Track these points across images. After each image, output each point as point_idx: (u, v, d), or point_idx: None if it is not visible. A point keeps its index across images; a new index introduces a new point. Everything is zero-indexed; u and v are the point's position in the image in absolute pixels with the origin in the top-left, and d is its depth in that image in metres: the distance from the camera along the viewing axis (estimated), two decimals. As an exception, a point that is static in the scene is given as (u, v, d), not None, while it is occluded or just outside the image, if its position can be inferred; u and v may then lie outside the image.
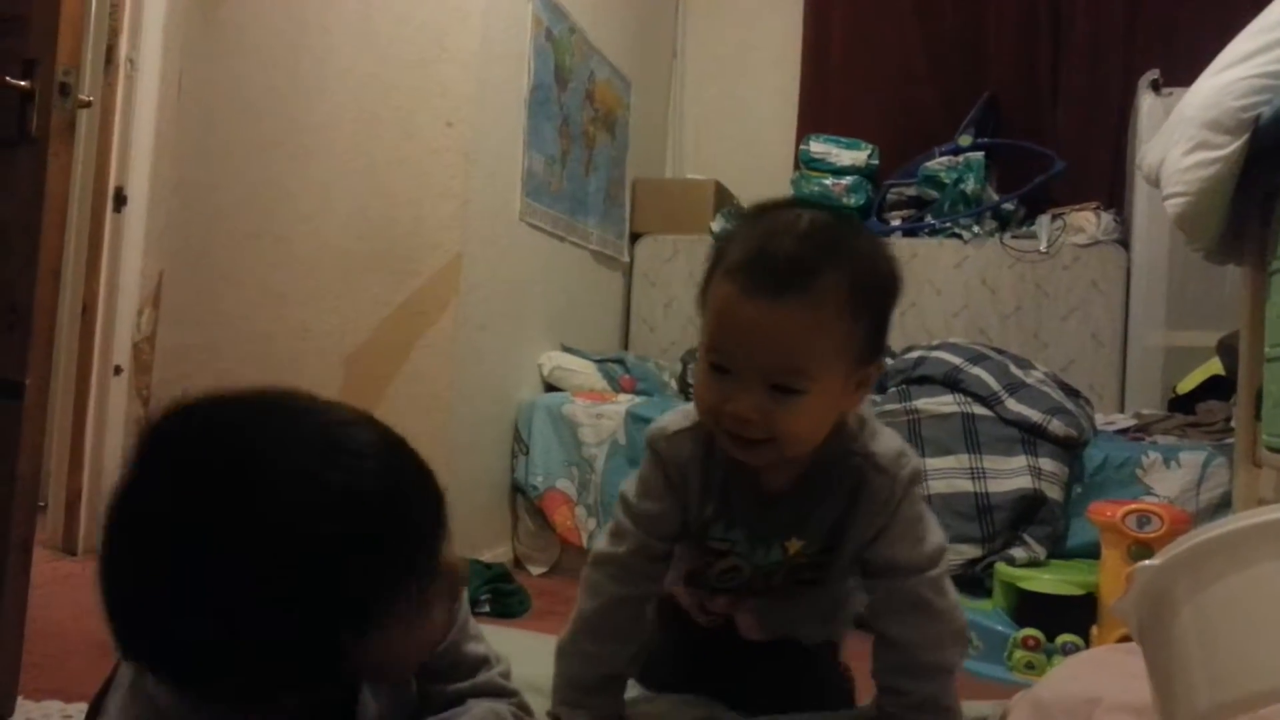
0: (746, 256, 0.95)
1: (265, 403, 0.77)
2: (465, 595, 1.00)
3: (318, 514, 0.70)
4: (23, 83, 1.38)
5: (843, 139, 3.71)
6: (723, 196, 3.70)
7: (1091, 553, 2.10)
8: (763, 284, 0.92)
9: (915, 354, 2.73)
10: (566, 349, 3.07)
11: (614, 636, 1.10)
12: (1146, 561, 0.75)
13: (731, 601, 1.17)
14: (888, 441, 1.08)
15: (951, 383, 2.50)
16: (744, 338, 0.94)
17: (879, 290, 1.00)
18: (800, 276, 0.93)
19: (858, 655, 1.21)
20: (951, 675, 1.08)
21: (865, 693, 1.20)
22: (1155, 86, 3.24)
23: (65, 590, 2.16)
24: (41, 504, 2.05)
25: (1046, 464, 2.33)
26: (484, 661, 0.98)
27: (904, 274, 1.03)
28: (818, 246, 0.95)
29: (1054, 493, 2.31)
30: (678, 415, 1.10)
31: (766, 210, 1.04)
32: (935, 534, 1.09)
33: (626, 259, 3.66)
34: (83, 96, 1.54)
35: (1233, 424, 2.38)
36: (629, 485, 1.12)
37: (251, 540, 0.69)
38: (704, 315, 1.00)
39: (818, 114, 4.00)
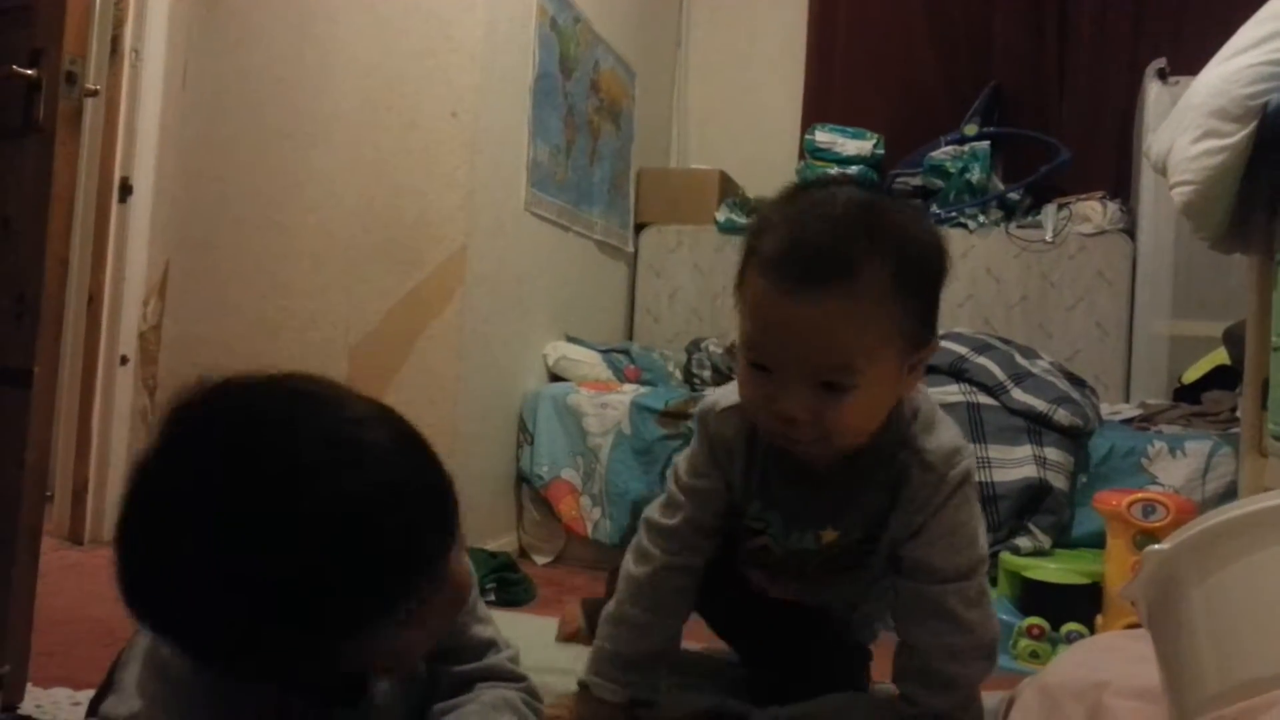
0: (781, 249, 0.90)
1: (290, 390, 0.78)
2: (475, 578, 1.00)
3: (334, 507, 0.71)
4: (29, 72, 1.38)
5: (848, 128, 3.70)
6: (727, 186, 3.69)
7: (1097, 542, 2.10)
8: (800, 279, 0.87)
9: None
10: (571, 339, 3.07)
11: (661, 606, 1.09)
12: (1155, 546, 0.75)
13: (767, 578, 1.15)
14: (942, 436, 1.02)
15: (957, 372, 2.50)
16: (785, 337, 0.89)
17: (925, 269, 0.95)
18: (839, 268, 0.87)
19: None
20: (969, 691, 1.03)
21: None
22: (1162, 75, 3.22)
23: (72, 579, 2.17)
24: (48, 493, 2.06)
25: (1052, 453, 2.33)
26: (491, 644, 0.99)
27: (944, 241, 0.99)
28: (855, 232, 0.90)
29: (1059, 482, 2.31)
30: (729, 390, 1.06)
31: (799, 192, 0.99)
32: (977, 545, 1.04)
33: (631, 249, 3.65)
34: (89, 85, 1.53)
35: (1238, 414, 2.37)
36: (682, 459, 1.11)
37: (269, 527, 0.70)
38: (740, 308, 0.95)
39: (823, 104, 3.99)
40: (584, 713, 1.08)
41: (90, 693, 1.03)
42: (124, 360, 2.59)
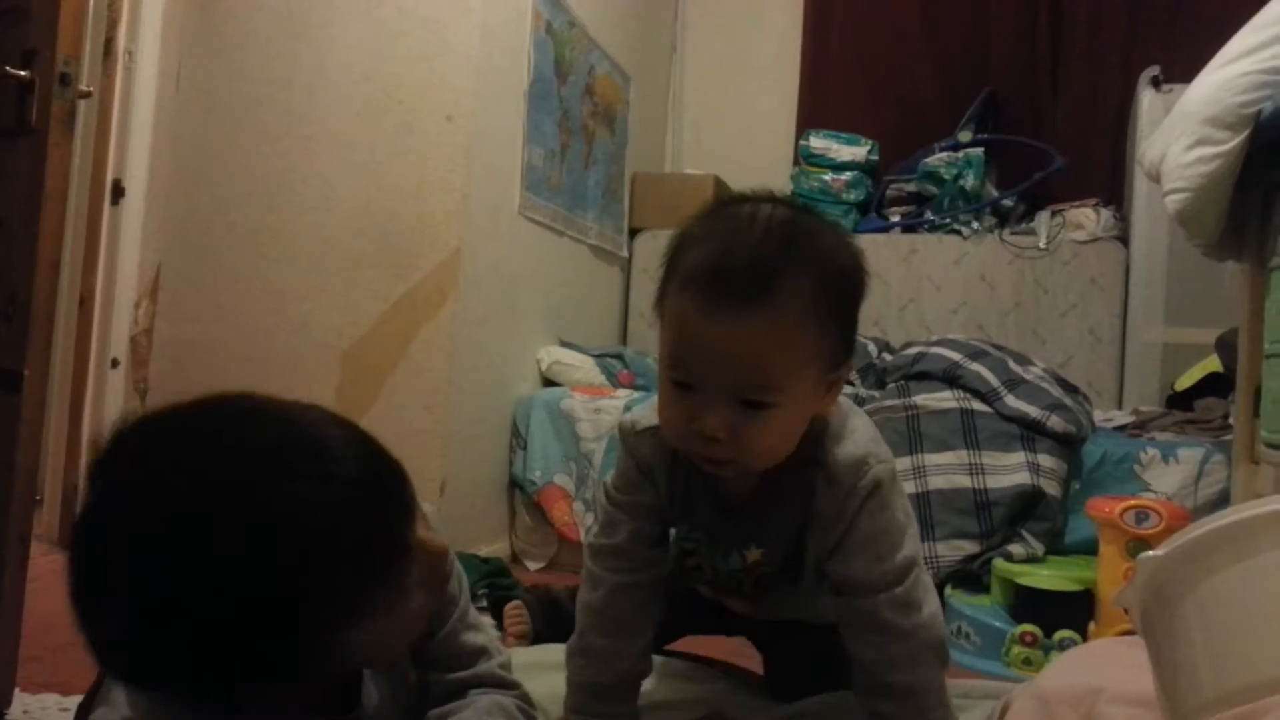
0: (702, 266, 0.89)
1: (220, 410, 0.76)
2: (466, 585, 0.99)
3: (277, 522, 0.69)
4: (23, 73, 1.37)
5: (842, 134, 3.70)
6: (722, 192, 3.69)
7: (1090, 549, 2.10)
8: (722, 299, 0.87)
9: (914, 350, 2.73)
10: (565, 344, 3.06)
11: (621, 628, 1.07)
12: (1149, 553, 0.75)
13: (715, 593, 1.15)
14: (850, 447, 1.00)
15: (950, 379, 2.50)
16: (706, 355, 0.89)
17: (844, 291, 0.95)
18: (761, 286, 0.87)
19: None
20: (927, 693, 1.00)
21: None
22: (1155, 83, 3.23)
23: (61, 584, 2.15)
24: (38, 497, 2.05)
25: (1045, 460, 2.33)
26: (483, 652, 0.98)
27: (868, 265, 0.97)
28: (775, 251, 0.89)
29: (1052, 489, 2.31)
30: (648, 409, 1.05)
31: (721, 208, 0.98)
32: (900, 550, 1.00)
33: (625, 254, 3.65)
34: (82, 87, 1.53)
35: (1231, 421, 2.38)
36: (611, 475, 1.10)
37: (212, 552, 0.68)
38: (662, 325, 0.94)
39: (817, 109, 4.00)
40: None
41: (79, 698, 1.03)
42: (115, 363, 2.58)
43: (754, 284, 0.87)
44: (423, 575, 0.81)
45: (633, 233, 3.69)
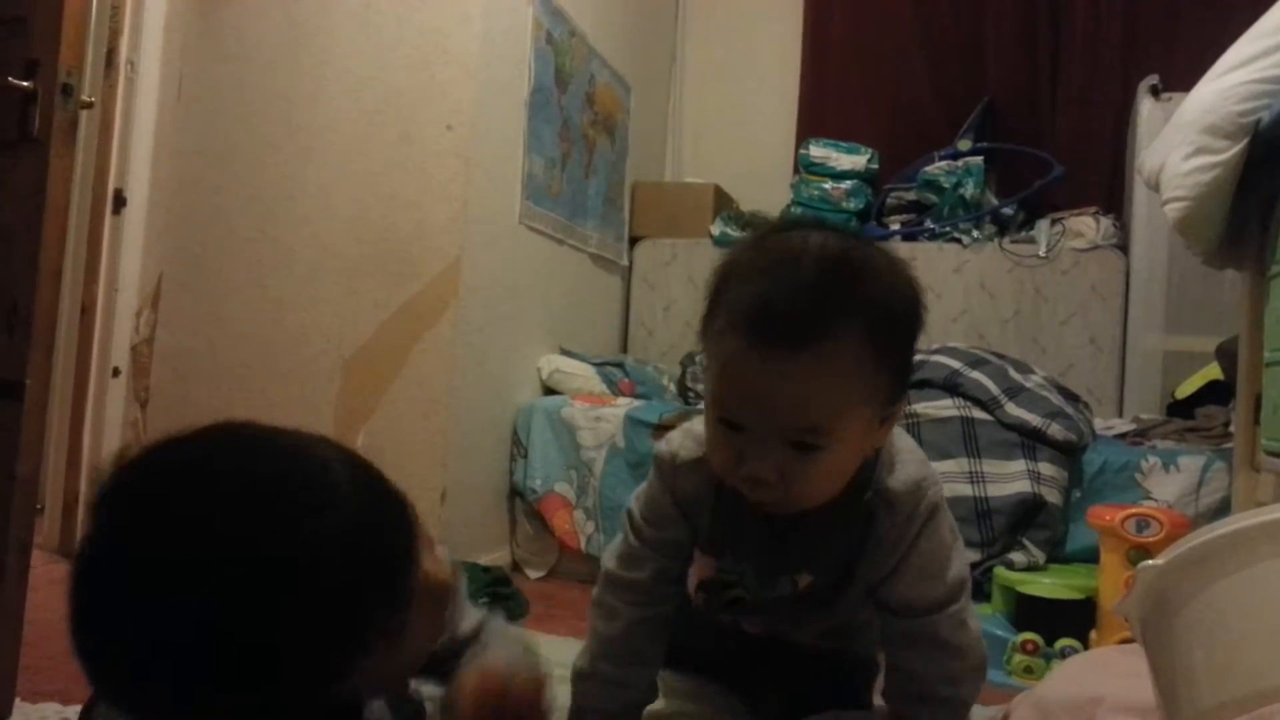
0: (752, 306, 0.85)
1: (222, 441, 0.75)
2: (463, 585, 0.99)
3: (278, 562, 0.67)
4: (25, 83, 1.38)
5: (842, 143, 3.71)
6: (722, 200, 3.70)
7: (1091, 557, 2.10)
8: (773, 341, 0.83)
9: (915, 358, 2.72)
10: (565, 352, 3.06)
11: (635, 659, 1.06)
12: (1149, 562, 0.75)
13: (740, 617, 1.14)
14: (905, 472, 0.99)
15: (951, 387, 2.50)
16: (757, 398, 0.86)
17: (900, 327, 0.91)
18: (813, 330, 0.84)
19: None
20: (967, 706, 1.01)
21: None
22: (1154, 91, 3.24)
23: (62, 593, 2.15)
24: (39, 506, 2.05)
25: (1046, 468, 2.33)
26: (478, 630, 0.98)
27: (923, 295, 0.94)
28: (829, 288, 0.86)
29: (1053, 497, 2.31)
30: (690, 442, 1.02)
31: (768, 237, 0.94)
32: (956, 564, 1.01)
33: (625, 262, 3.66)
34: (84, 98, 1.53)
35: (1232, 429, 2.38)
36: (637, 505, 1.07)
37: (216, 587, 0.65)
38: (708, 358, 0.92)
39: (817, 118, 4.00)
40: None
41: (78, 708, 1.02)
42: (116, 372, 2.58)
43: (805, 327, 0.84)
44: (427, 609, 0.79)
45: (633, 241, 3.69)
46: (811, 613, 1.09)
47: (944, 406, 2.45)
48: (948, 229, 3.48)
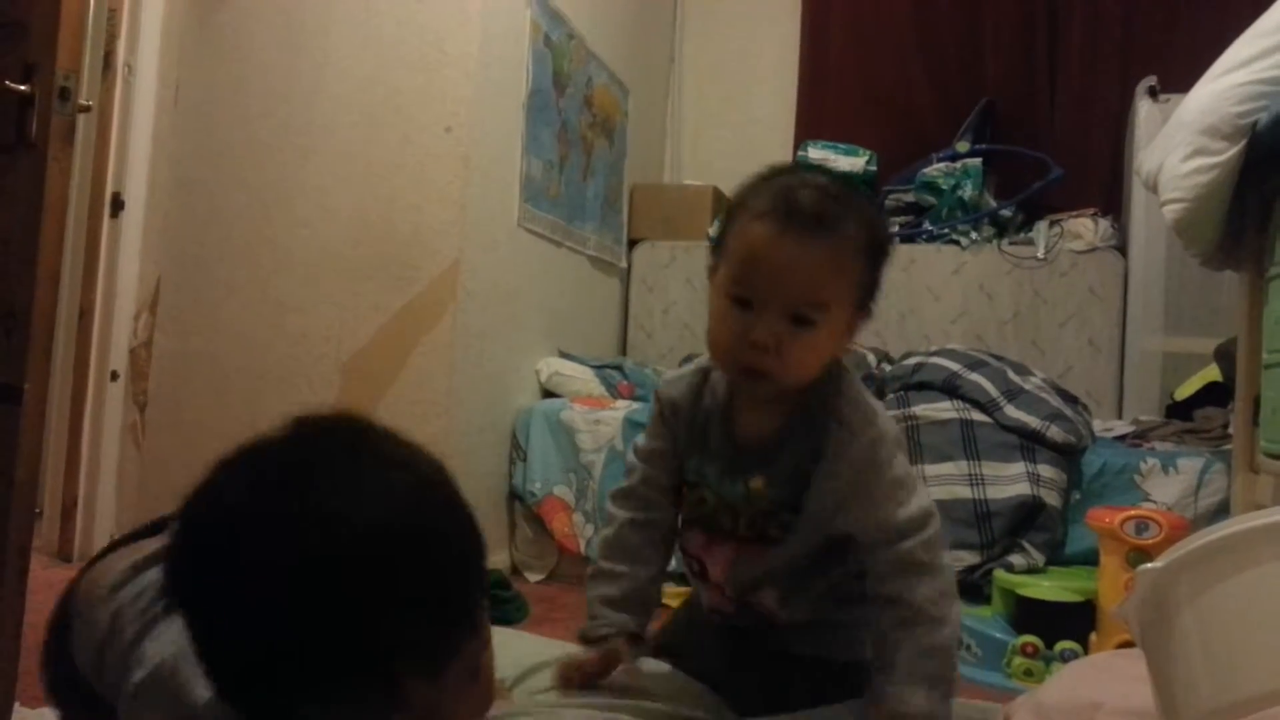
0: (777, 202, 1.06)
1: (334, 441, 0.79)
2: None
3: (382, 557, 0.72)
4: (22, 87, 1.37)
5: (840, 145, 3.71)
6: (720, 203, 3.70)
7: (1090, 559, 2.10)
8: (796, 223, 1.04)
9: (914, 360, 2.73)
10: (564, 355, 3.06)
11: (630, 556, 1.21)
12: (1148, 565, 0.75)
13: (705, 542, 1.21)
14: (862, 403, 1.14)
15: (950, 389, 2.50)
16: (776, 270, 1.04)
17: (884, 244, 1.12)
18: (827, 221, 1.05)
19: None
20: (955, 634, 1.08)
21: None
22: (1152, 93, 3.24)
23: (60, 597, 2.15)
24: (37, 510, 2.05)
25: (1045, 470, 2.33)
26: None
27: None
28: (838, 199, 1.07)
29: (1052, 499, 2.31)
30: (687, 367, 1.23)
31: (779, 171, 1.13)
32: (921, 498, 1.12)
33: (624, 265, 3.66)
34: (82, 101, 1.53)
35: (1230, 430, 2.38)
36: (640, 436, 1.26)
37: (317, 580, 0.70)
38: (723, 260, 1.10)
39: (815, 120, 4.01)
40: (588, 659, 1.18)
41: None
42: (114, 376, 2.58)
43: (823, 216, 1.05)
44: (475, 685, 0.83)
45: (631, 243, 3.69)
46: (767, 548, 1.16)
47: (943, 409, 2.45)
48: (946, 231, 3.48)
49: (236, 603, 0.70)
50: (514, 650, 1.30)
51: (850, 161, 3.67)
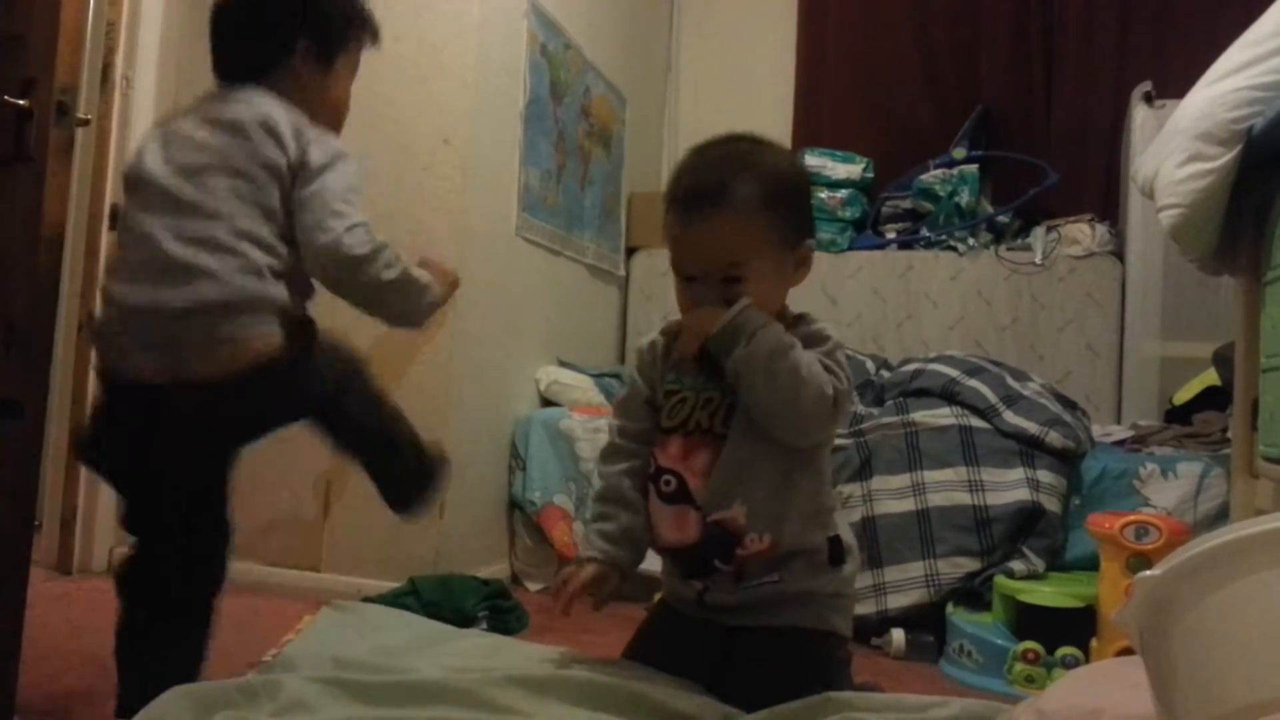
0: (675, 190, 1.29)
1: None
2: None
3: None
4: (21, 102, 1.38)
5: (837, 152, 3.72)
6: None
7: (1090, 565, 2.10)
8: (690, 208, 1.25)
9: (912, 367, 2.73)
10: (563, 363, 3.07)
11: (621, 502, 1.37)
12: (1147, 572, 0.75)
13: (681, 448, 1.31)
14: (817, 325, 1.33)
15: (948, 395, 2.50)
16: (689, 251, 1.28)
17: (786, 185, 1.30)
18: (715, 194, 1.24)
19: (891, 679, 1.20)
20: (797, 365, 1.23)
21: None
22: (1148, 98, 3.25)
23: (60, 610, 2.15)
24: (36, 523, 2.04)
25: (1044, 476, 2.33)
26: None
27: (807, 171, 1.46)
28: (726, 167, 1.26)
29: (1052, 505, 2.31)
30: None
31: (700, 147, 1.34)
32: (844, 391, 1.27)
33: (622, 273, 3.66)
34: (80, 115, 1.54)
35: (1229, 435, 2.38)
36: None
37: None
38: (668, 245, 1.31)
39: (812, 127, 4.02)
40: (583, 572, 1.34)
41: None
42: (114, 388, 2.58)
43: (709, 193, 1.25)
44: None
45: (630, 252, 3.70)
46: (730, 424, 1.30)
47: (942, 415, 2.45)
48: (943, 237, 3.49)
49: None
50: (508, 656, 1.32)
51: (847, 168, 3.68)
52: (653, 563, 1.41)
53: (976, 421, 2.43)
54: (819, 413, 1.24)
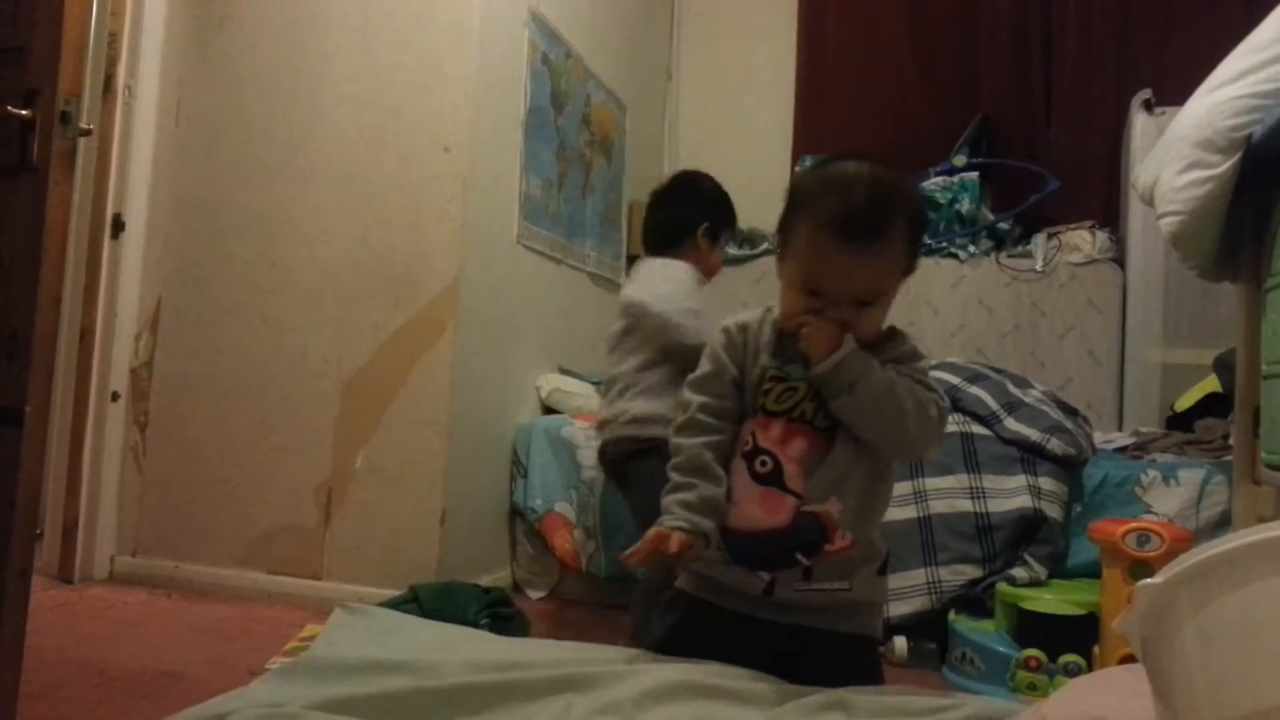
0: (834, 214, 1.26)
1: None
2: None
3: None
4: (24, 112, 1.38)
5: (838, 160, 3.72)
6: (719, 218, 3.71)
7: (1092, 572, 2.10)
8: (852, 237, 1.26)
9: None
10: (564, 371, 3.07)
11: (702, 472, 1.34)
12: (1149, 580, 0.75)
13: (782, 434, 1.33)
14: (912, 341, 1.39)
15: (950, 402, 2.50)
16: (838, 276, 1.28)
17: (921, 223, 1.37)
18: (878, 231, 1.26)
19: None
20: (903, 403, 1.29)
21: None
22: (1148, 106, 3.26)
23: (62, 618, 2.15)
24: (38, 531, 2.04)
25: (1046, 483, 2.33)
26: None
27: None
28: (884, 201, 1.28)
29: (1054, 512, 2.30)
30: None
31: (825, 166, 1.37)
32: (941, 403, 1.34)
33: (623, 281, 3.66)
34: (82, 125, 1.54)
35: (1231, 441, 2.38)
36: (690, 379, 1.43)
37: None
38: (790, 256, 1.33)
39: (812, 135, 4.03)
40: (662, 541, 1.29)
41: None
42: (115, 397, 2.58)
43: (873, 230, 1.26)
44: None
45: (631, 259, 3.70)
46: (836, 445, 1.33)
47: (943, 422, 2.45)
48: (944, 244, 3.49)
49: None
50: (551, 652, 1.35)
51: (848, 176, 3.68)
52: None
53: (978, 428, 2.43)
54: (926, 433, 1.32)
